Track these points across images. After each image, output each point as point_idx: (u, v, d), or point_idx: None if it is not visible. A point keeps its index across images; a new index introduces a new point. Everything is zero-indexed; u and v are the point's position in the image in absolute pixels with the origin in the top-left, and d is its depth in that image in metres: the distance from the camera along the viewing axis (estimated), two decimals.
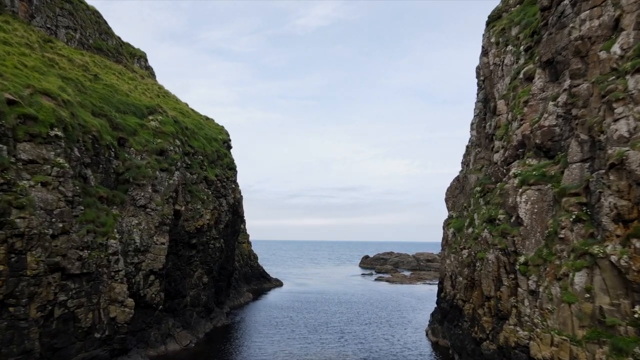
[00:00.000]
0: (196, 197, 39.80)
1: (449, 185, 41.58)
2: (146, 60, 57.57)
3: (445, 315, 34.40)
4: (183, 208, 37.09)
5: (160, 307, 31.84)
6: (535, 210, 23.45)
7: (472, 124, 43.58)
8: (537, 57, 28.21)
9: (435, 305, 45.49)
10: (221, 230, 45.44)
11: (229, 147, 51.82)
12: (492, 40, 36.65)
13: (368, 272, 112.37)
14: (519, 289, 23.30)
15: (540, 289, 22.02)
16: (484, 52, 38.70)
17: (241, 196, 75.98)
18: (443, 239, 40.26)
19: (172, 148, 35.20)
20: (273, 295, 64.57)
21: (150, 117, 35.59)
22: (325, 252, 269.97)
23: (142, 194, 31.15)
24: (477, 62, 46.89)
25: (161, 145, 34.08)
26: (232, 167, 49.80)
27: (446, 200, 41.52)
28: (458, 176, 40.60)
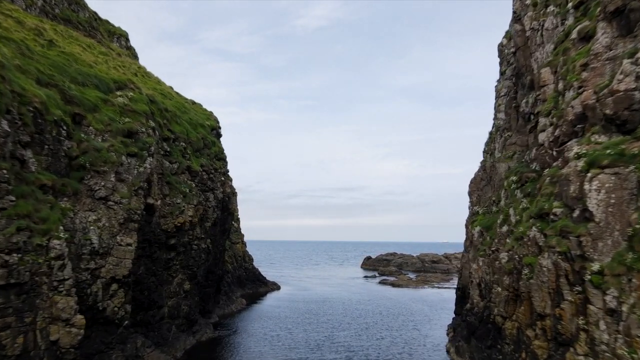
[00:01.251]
0: (176, 189, 33.88)
1: (472, 176, 35.70)
2: (127, 39, 51.63)
3: (473, 332, 28.47)
4: (159, 202, 31.17)
5: (126, 322, 25.90)
6: (612, 201, 17.53)
7: (497, 106, 37.72)
8: (597, 10, 22.32)
9: (454, 316, 39.63)
10: (208, 229, 39.50)
11: (219, 135, 45.91)
12: (528, 2, 30.74)
13: (371, 274, 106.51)
14: (591, 307, 17.39)
15: (624, 308, 16.14)
16: (516, 18, 32.79)
17: (233, 191, 70.22)
18: (467, 239, 34.38)
19: (144, 130, 29.25)
20: (269, 302, 58.62)
21: (118, 93, 29.65)
22: (324, 252, 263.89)
23: (103, 184, 25.20)
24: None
25: (130, 126, 28.14)
26: (221, 157, 43.88)
27: (470, 193, 35.62)
28: (484, 165, 34.71)
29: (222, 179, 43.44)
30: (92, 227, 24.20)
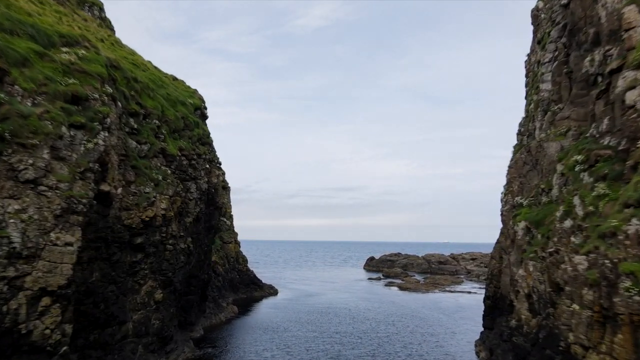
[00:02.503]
0: (145, 176, 27.34)
1: (512, 160, 29.13)
2: (101, 9, 44.96)
3: (524, 358, 21.87)
4: (119, 190, 24.62)
5: (65, 348, 19.31)
6: None
7: (539, 75, 31.18)
8: None
9: (482, 330, 33.13)
10: (188, 226, 32.98)
11: (204, 116, 39.34)
12: None
13: (375, 275, 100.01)
14: None
15: None
16: None
17: (224, 184, 63.81)
18: (505, 237, 27.84)
19: (97, 96, 22.67)
20: (265, 308, 52.04)
21: (65, 49, 23.07)
22: (325, 252, 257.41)
23: (31, 162, 18.63)
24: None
25: (75, 89, 21.55)
26: (206, 142, 37.31)
27: (510, 181, 29.03)
28: (528, 147, 28.10)
29: (207, 166, 36.84)
30: (12, 221, 17.61)
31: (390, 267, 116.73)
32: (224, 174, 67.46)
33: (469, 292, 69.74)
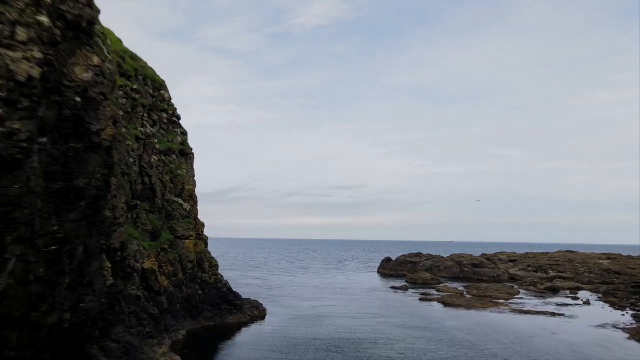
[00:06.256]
0: None
1: None
2: None
3: None
4: None
5: None
6: None
7: None
8: None
9: None
10: None
11: None
12: None
13: (398, 283, 76.74)
14: None
15: None
16: None
17: (181, 146, 41.28)
18: None
19: None
20: (238, 355, 28.95)
21: None
22: (325, 252, 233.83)
23: None
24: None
25: None
26: (84, 29, 14.10)
27: None
28: None
29: (85, 78, 13.29)
30: None
31: (412, 271, 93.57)
32: (184, 133, 44.78)
33: (553, 314, 46.68)
